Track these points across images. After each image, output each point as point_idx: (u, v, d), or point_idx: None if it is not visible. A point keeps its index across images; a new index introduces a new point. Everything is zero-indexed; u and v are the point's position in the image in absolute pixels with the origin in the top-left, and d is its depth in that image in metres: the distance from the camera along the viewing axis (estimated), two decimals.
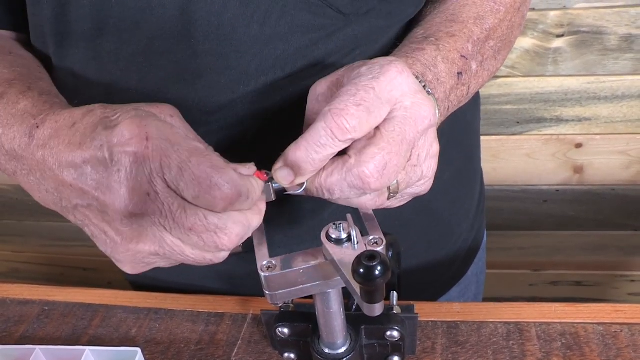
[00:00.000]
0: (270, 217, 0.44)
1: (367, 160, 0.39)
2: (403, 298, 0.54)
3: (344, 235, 0.42)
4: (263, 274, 0.42)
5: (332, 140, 0.38)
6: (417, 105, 0.40)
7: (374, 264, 0.36)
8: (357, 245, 0.42)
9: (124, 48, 0.50)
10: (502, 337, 0.55)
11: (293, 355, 0.53)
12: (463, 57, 0.50)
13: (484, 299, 0.87)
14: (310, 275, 0.43)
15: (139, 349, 0.53)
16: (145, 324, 0.62)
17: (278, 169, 0.40)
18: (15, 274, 1.77)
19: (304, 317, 0.51)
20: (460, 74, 0.50)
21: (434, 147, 0.44)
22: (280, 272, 0.42)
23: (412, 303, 0.54)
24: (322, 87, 0.44)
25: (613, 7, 0.98)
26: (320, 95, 0.44)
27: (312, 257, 0.43)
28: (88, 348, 0.54)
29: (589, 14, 1.00)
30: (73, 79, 0.52)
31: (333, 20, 0.50)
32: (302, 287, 0.43)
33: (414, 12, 0.55)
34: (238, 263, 0.64)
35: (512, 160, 1.21)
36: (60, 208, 0.42)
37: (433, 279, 0.74)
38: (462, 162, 0.72)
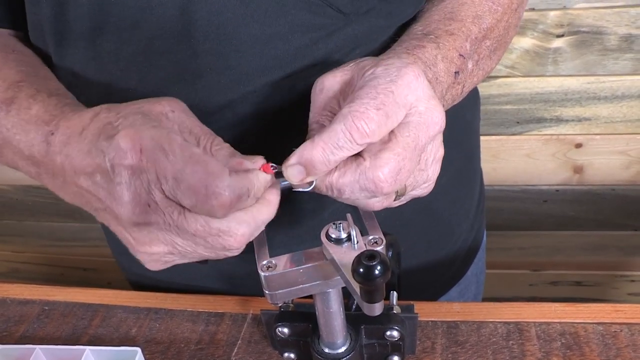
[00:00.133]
0: None
1: (382, 165, 0.39)
2: (403, 298, 0.54)
3: (344, 235, 0.42)
4: (263, 274, 0.42)
5: (350, 143, 0.38)
6: (430, 111, 0.41)
7: (374, 264, 0.36)
8: (356, 245, 0.42)
9: (124, 48, 0.49)
10: (501, 337, 0.55)
11: (293, 355, 0.53)
12: (461, 56, 0.50)
13: (484, 299, 0.87)
14: (310, 275, 0.43)
15: (139, 349, 0.53)
16: (145, 324, 0.62)
17: (290, 166, 0.40)
18: (15, 274, 1.77)
19: (304, 316, 0.51)
20: (457, 73, 0.50)
21: (440, 151, 0.44)
22: (280, 271, 0.42)
23: (411, 303, 0.54)
24: (330, 82, 0.44)
25: (613, 7, 0.98)
26: (329, 92, 0.44)
27: (312, 256, 0.43)
28: (88, 348, 0.54)
29: (589, 14, 1.00)
30: (73, 79, 0.52)
31: (333, 20, 0.50)
32: (302, 286, 0.44)
33: (414, 12, 0.55)
34: (238, 263, 0.64)
35: (512, 160, 1.21)
36: (89, 209, 0.43)
37: (433, 279, 0.74)
38: (462, 162, 0.72)
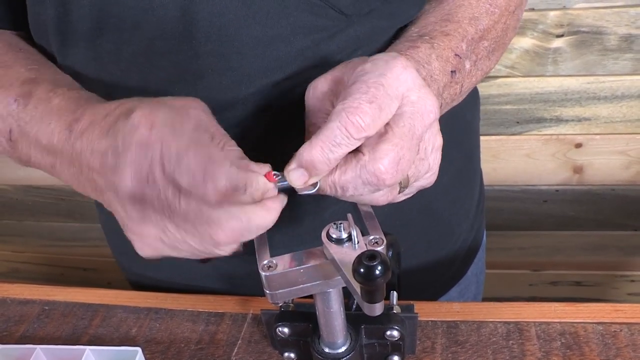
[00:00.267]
0: None
1: (381, 157, 0.39)
2: (403, 298, 0.54)
3: (345, 235, 0.42)
4: (264, 274, 0.43)
5: (347, 139, 0.39)
6: (422, 100, 0.41)
7: (375, 264, 0.36)
8: (357, 245, 0.42)
9: (125, 48, 0.50)
10: (501, 336, 0.56)
11: (293, 355, 0.53)
12: (457, 55, 0.50)
13: (484, 299, 0.87)
14: (311, 275, 0.43)
15: (139, 349, 0.54)
16: (146, 324, 0.62)
17: (292, 170, 0.40)
18: (15, 274, 1.77)
19: (304, 316, 0.51)
20: (454, 72, 0.50)
21: (438, 139, 0.44)
22: (281, 271, 0.42)
23: (411, 303, 0.54)
24: (322, 85, 0.44)
25: (613, 7, 0.99)
26: (321, 94, 0.44)
27: (312, 256, 0.43)
28: (88, 347, 0.54)
29: (589, 14, 1.00)
30: (75, 78, 0.53)
31: (335, 21, 0.50)
32: (302, 286, 0.44)
33: (416, 12, 0.55)
34: (238, 263, 0.64)
35: (511, 160, 1.21)
36: (96, 195, 0.44)
37: (433, 279, 0.74)
38: (462, 162, 0.72)
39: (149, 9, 0.47)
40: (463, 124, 0.71)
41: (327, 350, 0.50)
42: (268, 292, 0.44)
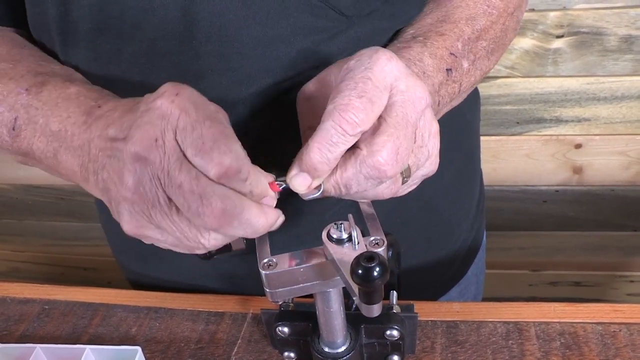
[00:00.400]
0: None
1: (379, 149, 0.39)
2: (403, 298, 0.54)
3: (345, 236, 0.42)
4: (264, 272, 0.43)
5: (343, 137, 0.39)
6: (411, 88, 0.41)
7: (373, 265, 0.36)
8: (357, 246, 0.42)
9: (125, 48, 0.50)
10: (501, 336, 0.56)
11: (293, 354, 0.54)
12: (452, 54, 0.50)
13: (483, 299, 0.87)
14: (311, 274, 0.43)
15: (139, 348, 0.54)
16: (146, 323, 0.62)
17: (294, 176, 0.40)
18: (16, 274, 1.77)
19: (304, 316, 0.51)
20: (450, 71, 0.50)
21: (434, 125, 0.44)
22: (281, 270, 0.43)
23: (411, 302, 0.54)
24: (309, 89, 0.45)
25: (613, 7, 0.99)
26: (310, 97, 0.45)
27: (313, 256, 0.43)
28: (88, 347, 0.54)
29: (589, 15, 1.00)
30: None
31: (335, 22, 0.50)
32: (302, 285, 0.44)
33: (417, 13, 0.55)
34: (239, 263, 0.64)
35: (511, 161, 1.21)
36: (95, 179, 0.43)
37: (433, 279, 0.74)
38: (462, 162, 0.72)
39: (149, 9, 0.47)
40: (463, 124, 0.71)
41: (327, 350, 0.50)
42: (268, 290, 0.44)
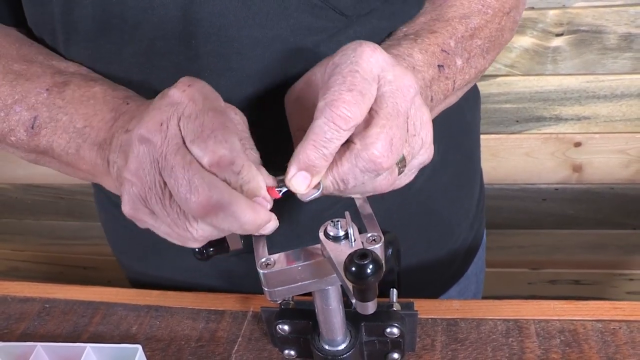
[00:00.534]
0: None
1: (373, 142, 0.39)
2: (403, 297, 0.54)
3: (342, 233, 0.42)
4: (262, 271, 0.43)
5: (337, 132, 0.39)
6: (399, 77, 0.41)
7: (366, 263, 0.36)
8: (354, 243, 0.42)
9: (126, 48, 0.50)
10: (501, 334, 0.56)
11: (293, 352, 0.54)
12: (444, 51, 0.50)
13: (483, 298, 0.87)
14: (309, 273, 0.43)
15: (140, 346, 0.54)
16: (146, 322, 0.62)
17: (293, 177, 0.40)
18: (15, 273, 1.77)
19: (304, 314, 0.51)
20: (442, 67, 0.50)
21: (426, 113, 0.43)
22: (279, 269, 0.42)
23: (411, 300, 0.54)
24: (296, 90, 0.45)
25: (612, 6, 0.99)
26: (297, 98, 0.45)
27: (310, 254, 0.43)
28: (89, 345, 0.54)
29: (588, 13, 1.00)
30: None
31: (335, 22, 0.50)
32: (300, 284, 0.44)
33: (416, 12, 0.55)
34: (237, 262, 0.64)
35: (511, 159, 1.21)
36: (112, 171, 0.45)
37: (433, 278, 0.74)
38: (462, 162, 0.72)
39: (149, 9, 0.47)
40: (463, 125, 0.71)
41: (327, 348, 0.50)
42: (266, 289, 0.44)
